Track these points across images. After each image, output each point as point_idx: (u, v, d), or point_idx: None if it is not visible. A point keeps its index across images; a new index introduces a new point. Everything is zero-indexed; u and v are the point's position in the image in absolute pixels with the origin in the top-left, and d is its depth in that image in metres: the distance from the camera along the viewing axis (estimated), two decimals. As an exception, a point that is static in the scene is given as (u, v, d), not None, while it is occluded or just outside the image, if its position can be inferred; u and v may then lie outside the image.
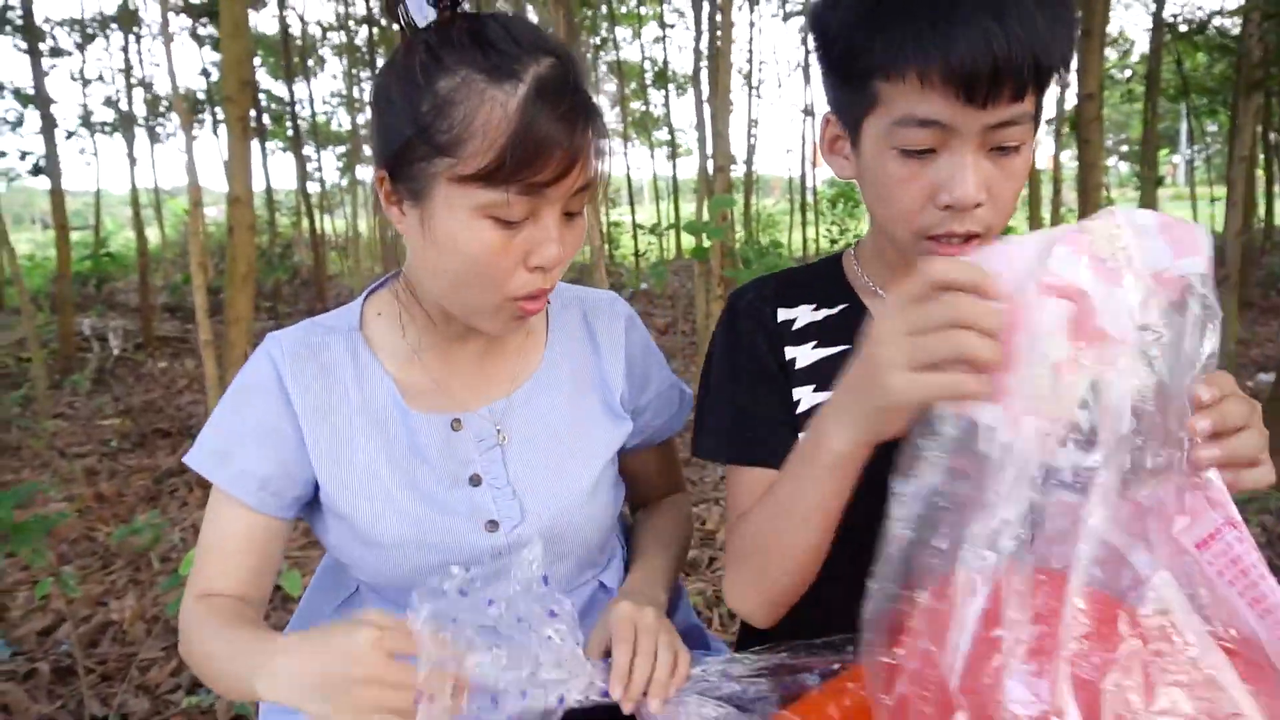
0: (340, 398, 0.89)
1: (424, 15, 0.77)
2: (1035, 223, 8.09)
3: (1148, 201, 8.62)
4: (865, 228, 1.00)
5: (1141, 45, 11.24)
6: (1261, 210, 9.12)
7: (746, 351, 0.94)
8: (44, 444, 4.09)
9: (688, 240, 3.10)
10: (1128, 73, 10.45)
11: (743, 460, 0.90)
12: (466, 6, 0.78)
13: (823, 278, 0.97)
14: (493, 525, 0.90)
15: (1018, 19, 0.69)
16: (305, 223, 11.12)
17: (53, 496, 3.37)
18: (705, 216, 4.81)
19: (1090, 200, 5.22)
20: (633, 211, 11.12)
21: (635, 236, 10.74)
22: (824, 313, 0.94)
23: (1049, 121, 6.93)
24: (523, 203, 0.75)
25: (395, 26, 0.80)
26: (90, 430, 4.58)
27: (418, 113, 0.75)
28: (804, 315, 0.94)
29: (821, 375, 0.91)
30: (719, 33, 4.43)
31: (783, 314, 0.95)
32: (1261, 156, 8.94)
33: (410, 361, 0.92)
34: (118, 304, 9.16)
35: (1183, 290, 0.55)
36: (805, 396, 0.91)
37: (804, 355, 0.92)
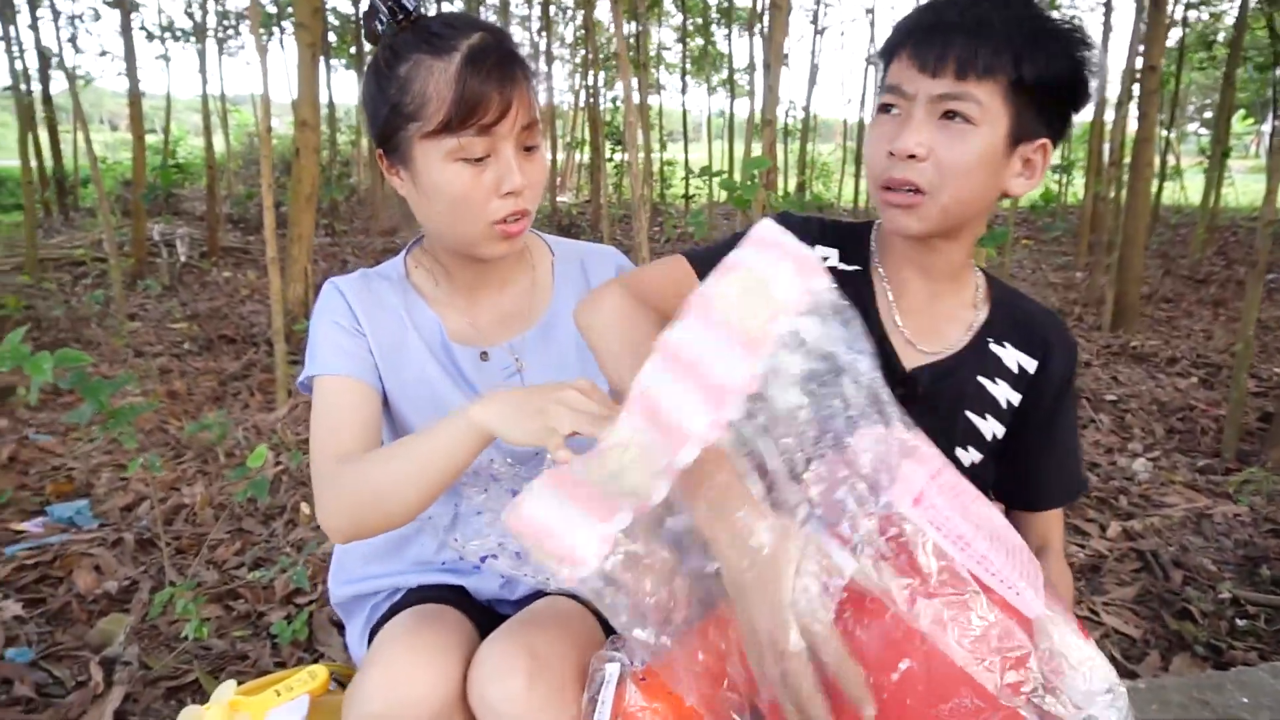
0: (395, 326, 1.10)
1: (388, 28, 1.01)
2: (1090, 188, 7.94)
3: (1214, 173, 8.37)
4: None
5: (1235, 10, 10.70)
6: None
7: None
8: (124, 343, 4.43)
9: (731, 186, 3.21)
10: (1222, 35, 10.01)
11: None
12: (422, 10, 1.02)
13: (854, 236, 1.09)
14: None
15: (981, 19, 0.88)
16: (365, 142, 11.34)
17: (132, 390, 3.69)
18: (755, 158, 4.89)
19: (1140, 176, 5.16)
20: (685, 151, 11.10)
21: (686, 179, 10.75)
22: (844, 266, 1.06)
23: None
24: (478, 142, 0.96)
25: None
26: (161, 332, 4.91)
27: (388, 95, 0.97)
28: (833, 258, 1.06)
29: None
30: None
31: (819, 250, 1.06)
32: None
33: (446, 305, 1.13)
34: (183, 211, 9.53)
35: (813, 302, 0.76)
36: None
37: None
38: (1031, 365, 1.06)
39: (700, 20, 11.69)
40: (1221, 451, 3.36)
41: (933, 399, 1.04)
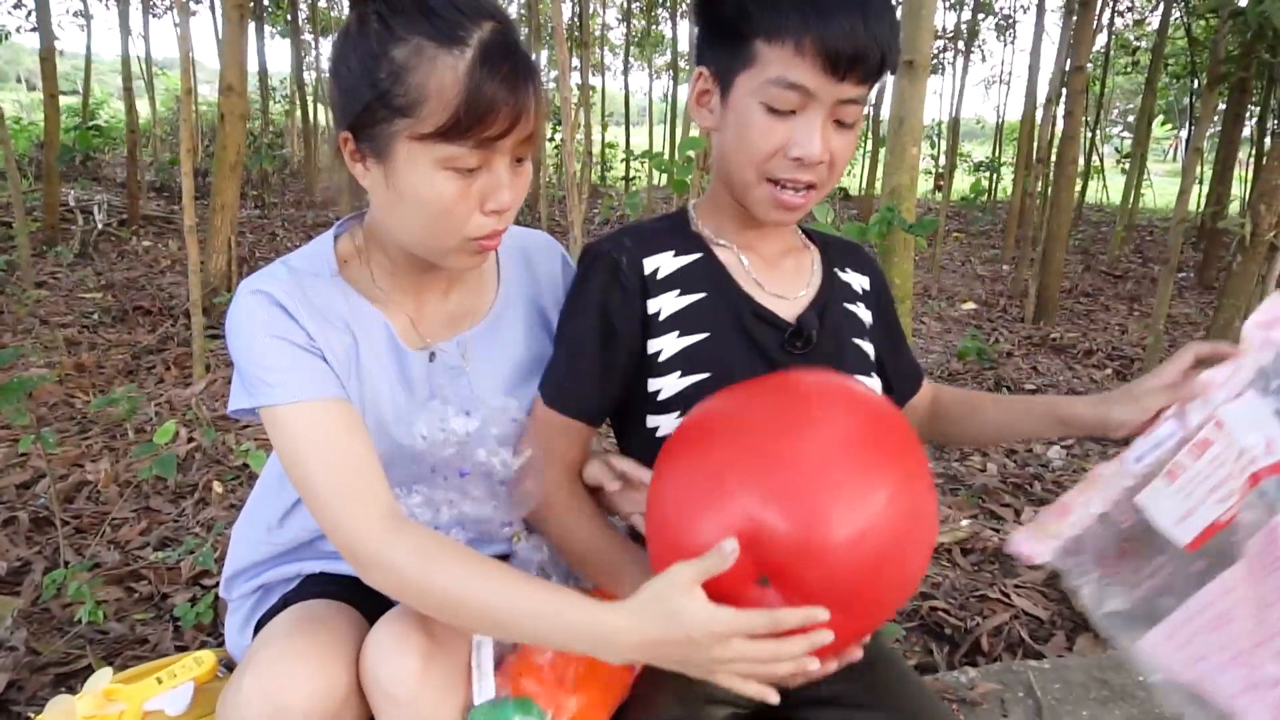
0: (339, 332, 0.96)
1: None
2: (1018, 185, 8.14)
3: (1133, 175, 8.69)
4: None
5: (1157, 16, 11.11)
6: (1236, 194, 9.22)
7: (598, 310, 1.01)
8: (27, 311, 4.20)
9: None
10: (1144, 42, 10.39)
11: (565, 411, 1.02)
12: None
13: (674, 230, 1.07)
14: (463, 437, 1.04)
15: (876, 18, 0.88)
16: (299, 112, 10.98)
17: (34, 361, 3.50)
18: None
19: (1064, 173, 5.31)
20: (627, 134, 11.05)
21: (627, 162, 10.71)
22: (683, 259, 1.03)
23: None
24: (477, 155, 0.84)
25: None
26: (72, 302, 4.68)
27: (376, 79, 0.83)
28: (666, 263, 1.03)
29: (684, 322, 1.01)
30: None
31: (648, 264, 1.02)
32: (1254, 144, 9.02)
33: (387, 303, 1.01)
34: (103, 177, 9.09)
35: None
36: (668, 344, 1.01)
37: (668, 304, 1.01)
38: (866, 283, 1.15)
39: (643, 1, 11.62)
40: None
41: (825, 337, 1.05)
